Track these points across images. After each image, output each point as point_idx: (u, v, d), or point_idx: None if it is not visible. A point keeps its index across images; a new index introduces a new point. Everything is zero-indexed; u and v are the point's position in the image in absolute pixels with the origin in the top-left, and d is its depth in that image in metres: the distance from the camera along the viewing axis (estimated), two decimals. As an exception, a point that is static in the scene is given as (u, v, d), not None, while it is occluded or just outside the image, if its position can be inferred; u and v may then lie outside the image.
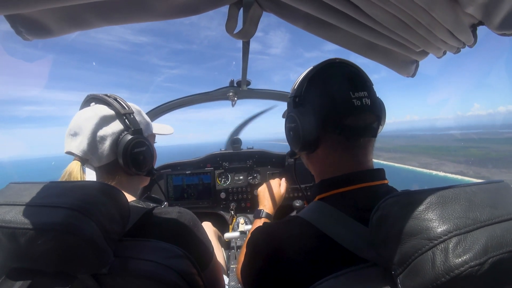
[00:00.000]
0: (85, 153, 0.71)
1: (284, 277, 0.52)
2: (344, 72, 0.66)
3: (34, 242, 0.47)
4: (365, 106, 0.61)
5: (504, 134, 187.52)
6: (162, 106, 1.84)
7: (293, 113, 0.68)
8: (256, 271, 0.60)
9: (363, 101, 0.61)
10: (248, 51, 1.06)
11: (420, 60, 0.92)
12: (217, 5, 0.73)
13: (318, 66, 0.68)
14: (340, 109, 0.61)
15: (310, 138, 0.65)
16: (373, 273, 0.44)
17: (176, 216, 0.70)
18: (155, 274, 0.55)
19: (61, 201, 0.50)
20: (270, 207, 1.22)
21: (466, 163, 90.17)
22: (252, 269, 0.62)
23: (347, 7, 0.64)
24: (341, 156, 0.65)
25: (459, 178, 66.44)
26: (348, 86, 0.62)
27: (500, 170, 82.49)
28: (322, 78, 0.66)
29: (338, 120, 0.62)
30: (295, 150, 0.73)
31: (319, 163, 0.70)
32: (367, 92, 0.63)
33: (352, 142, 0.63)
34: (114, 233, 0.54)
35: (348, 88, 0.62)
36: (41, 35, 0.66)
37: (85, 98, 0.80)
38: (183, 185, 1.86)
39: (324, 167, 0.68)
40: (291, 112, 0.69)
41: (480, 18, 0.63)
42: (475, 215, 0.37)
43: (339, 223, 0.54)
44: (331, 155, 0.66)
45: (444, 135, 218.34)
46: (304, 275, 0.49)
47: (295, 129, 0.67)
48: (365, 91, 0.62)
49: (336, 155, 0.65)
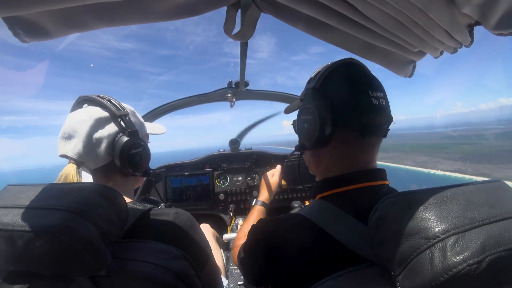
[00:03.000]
0: (80, 156, 0.70)
1: (284, 274, 0.52)
2: (362, 72, 0.67)
3: (32, 245, 0.46)
4: (381, 107, 0.63)
5: (490, 130, 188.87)
6: (160, 108, 1.83)
7: (311, 105, 0.67)
8: (256, 268, 0.60)
9: (380, 101, 0.63)
10: (246, 52, 1.07)
11: (417, 60, 0.92)
12: (215, 7, 0.73)
13: (336, 63, 0.68)
14: (360, 106, 0.63)
15: (326, 132, 0.64)
16: (372, 274, 0.44)
17: (172, 217, 0.69)
18: (153, 276, 0.55)
19: (58, 203, 0.50)
20: (266, 197, 1.32)
21: (462, 160, 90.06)
22: (252, 265, 0.63)
23: (345, 8, 0.65)
24: (351, 153, 0.66)
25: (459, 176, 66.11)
26: (368, 85, 0.64)
27: (498, 166, 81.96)
28: (343, 74, 0.67)
29: (357, 117, 0.63)
30: (306, 144, 0.72)
31: (325, 160, 0.70)
32: (383, 93, 0.65)
33: (366, 140, 0.65)
34: (112, 235, 0.54)
35: (368, 87, 0.63)
36: (39, 37, 0.65)
37: (77, 100, 0.79)
38: (182, 186, 1.85)
39: (329, 164, 0.69)
40: (309, 104, 0.68)
41: (477, 18, 0.63)
42: (473, 214, 0.37)
43: (339, 221, 0.55)
44: (341, 152, 0.66)
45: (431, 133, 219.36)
46: (304, 272, 0.49)
47: (312, 121, 0.66)
48: (381, 92, 0.64)
49: (346, 152, 0.66)
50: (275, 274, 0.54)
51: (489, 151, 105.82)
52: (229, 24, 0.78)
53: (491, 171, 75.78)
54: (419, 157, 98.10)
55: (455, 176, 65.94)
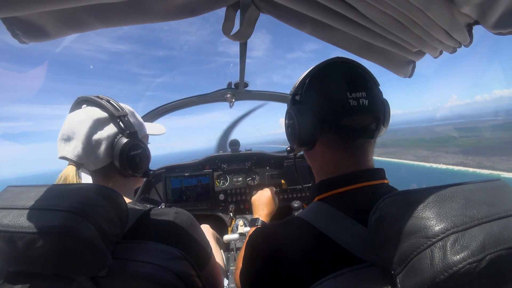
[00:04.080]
0: (80, 157, 0.70)
1: (283, 278, 0.52)
2: (344, 72, 0.65)
3: (32, 245, 0.46)
4: (362, 107, 0.61)
5: (487, 122, 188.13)
6: (160, 108, 1.83)
7: (291, 110, 0.69)
8: (255, 273, 0.60)
9: (360, 102, 0.60)
10: (246, 53, 1.07)
11: (417, 60, 0.92)
12: (215, 7, 0.73)
13: (319, 65, 0.68)
14: (336, 109, 0.62)
15: (307, 136, 0.66)
16: (372, 273, 0.43)
17: (172, 217, 0.69)
18: (153, 276, 0.55)
19: (59, 204, 0.50)
20: (265, 215, 1.29)
21: (463, 153, 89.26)
22: (251, 271, 0.61)
23: (344, 7, 0.65)
24: (338, 156, 0.65)
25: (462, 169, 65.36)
26: (345, 86, 0.62)
27: (500, 158, 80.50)
28: (321, 77, 0.66)
29: (333, 120, 0.62)
30: (293, 146, 0.74)
31: (317, 160, 0.70)
32: (366, 93, 0.62)
33: (348, 142, 0.63)
34: (112, 235, 0.54)
35: (345, 88, 0.61)
36: (38, 38, 0.65)
37: (76, 100, 0.79)
38: (182, 187, 1.85)
39: (322, 165, 0.69)
40: (289, 109, 0.70)
41: (476, 18, 0.63)
42: (472, 213, 0.37)
43: (338, 223, 0.54)
44: (328, 153, 0.66)
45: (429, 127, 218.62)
46: (303, 275, 0.49)
47: (292, 126, 0.68)
48: (364, 91, 0.62)
49: (332, 154, 0.65)
50: (275, 278, 0.53)
51: (488, 143, 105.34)
52: (228, 25, 0.78)
53: (494, 163, 74.75)
54: (420, 151, 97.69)
55: (458, 170, 65.21)
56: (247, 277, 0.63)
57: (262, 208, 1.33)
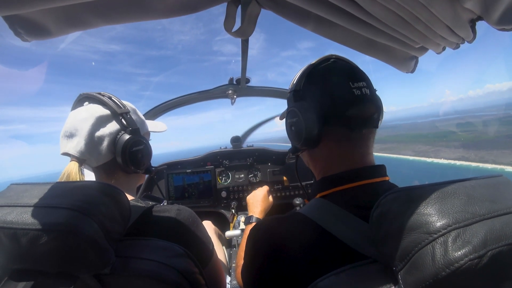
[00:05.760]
0: (82, 154, 0.70)
1: (284, 274, 0.52)
2: (342, 65, 0.67)
3: (36, 243, 0.47)
4: (365, 96, 0.62)
5: (482, 117, 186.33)
6: (162, 105, 1.83)
7: (294, 107, 0.67)
8: (256, 270, 0.60)
9: (362, 91, 0.62)
10: (247, 49, 1.06)
11: (420, 56, 0.92)
12: (215, 3, 0.72)
13: (315, 62, 0.68)
14: (341, 100, 0.62)
15: (313, 132, 0.64)
16: (374, 270, 0.44)
17: (175, 214, 0.70)
18: (156, 274, 0.55)
19: (62, 202, 0.50)
20: (259, 212, 1.29)
21: (463, 147, 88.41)
22: (252, 268, 0.61)
23: (346, 3, 0.64)
24: (344, 150, 0.65)
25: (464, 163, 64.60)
26: (347, 77, 0.63)
27: (502, 152, 79.03)
28: (321, 72, 0.66)
29: (340, 112, 0.62)
30: (297, 146, 0.72)
31: (321, 159, 0.69)
32: (365, 83, 0.64)
33: (356, 133, 0.64)
34: (115, 233, 0.55)
35: (347, 79, 0.62)
36: (40, 35, 0.65)
37: (78, 97, 0.79)
38: (184, 184, 1.86)
39: (326, 163, 0.68)
40: (292, 107, 0.69)
41: (479, 13, 0.63)
42: (474, 209, 0.37)
43: (340, 219, 0.54)
44: (333, 149, 0.66)
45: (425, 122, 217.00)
46: (305, 271, 0.49)
47: (297, 123, 0.67)
48: (364, 81, 0.63)
49: (338, 149, 0.65)
50: (276, 274, 0.54)
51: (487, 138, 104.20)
52: (229, 21, 0.78)
53: (496, 157, 73.86)
54: (419, 146, 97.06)
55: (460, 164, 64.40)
56: (249, 274, 0.63)
57: (256, 205, 1.33)
